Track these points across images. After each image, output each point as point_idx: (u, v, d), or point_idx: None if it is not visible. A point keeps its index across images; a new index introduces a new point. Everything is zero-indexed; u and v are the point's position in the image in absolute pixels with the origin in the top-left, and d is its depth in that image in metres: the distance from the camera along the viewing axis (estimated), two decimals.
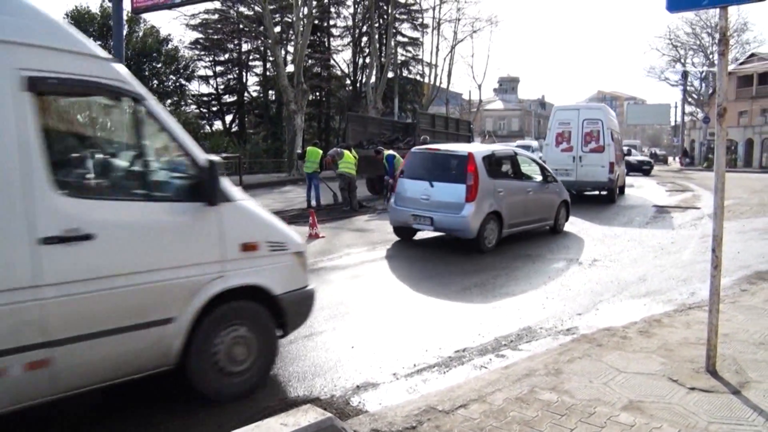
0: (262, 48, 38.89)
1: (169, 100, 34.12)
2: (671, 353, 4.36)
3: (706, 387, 3.74)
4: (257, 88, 42.20)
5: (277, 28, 34.17)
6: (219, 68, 40.49)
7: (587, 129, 15.58)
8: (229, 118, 41.40)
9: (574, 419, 3.29)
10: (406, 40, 43.41)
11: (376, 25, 38.18)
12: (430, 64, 41.61)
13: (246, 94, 41.34)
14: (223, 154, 16.63)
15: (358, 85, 41.65)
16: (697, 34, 48.37)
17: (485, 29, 48.10)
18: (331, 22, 41.83)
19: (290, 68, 30.51)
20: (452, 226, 8.82)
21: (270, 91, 40.27)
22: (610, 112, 16.89)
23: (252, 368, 3.86)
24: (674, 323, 5.17)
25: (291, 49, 34.51)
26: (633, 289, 6.81)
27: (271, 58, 34.35)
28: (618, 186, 17.03)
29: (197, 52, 38.93)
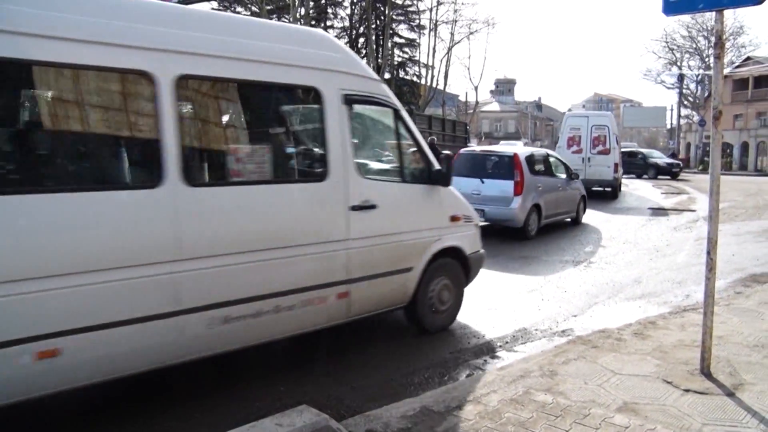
0: None
1: None
2: (666, 355, 4.37)
3: (701, 389, 3.75)
4: None
5: None
6: None
7: (595, 134, 17.71)
8: None
9: (569, 421, 3.29)
10: (402, 41, 43.33)
11: (373, 26, 38.21)
12: (426, 65, 41.59)
13: None
14: None
15: None
16: (694, 37, 48.59)
17: (482, 31, 48.28)
18: (328, 23, 41.78)
19: None
20: (503, 216, 10.07)
21: None
22: (614, 119, 18.80)
23: (449, 309, 5.25)
24: (669, 325, 5.19)
25: None
26: (628, 291, 6.84)
27: None
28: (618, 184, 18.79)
29: None
